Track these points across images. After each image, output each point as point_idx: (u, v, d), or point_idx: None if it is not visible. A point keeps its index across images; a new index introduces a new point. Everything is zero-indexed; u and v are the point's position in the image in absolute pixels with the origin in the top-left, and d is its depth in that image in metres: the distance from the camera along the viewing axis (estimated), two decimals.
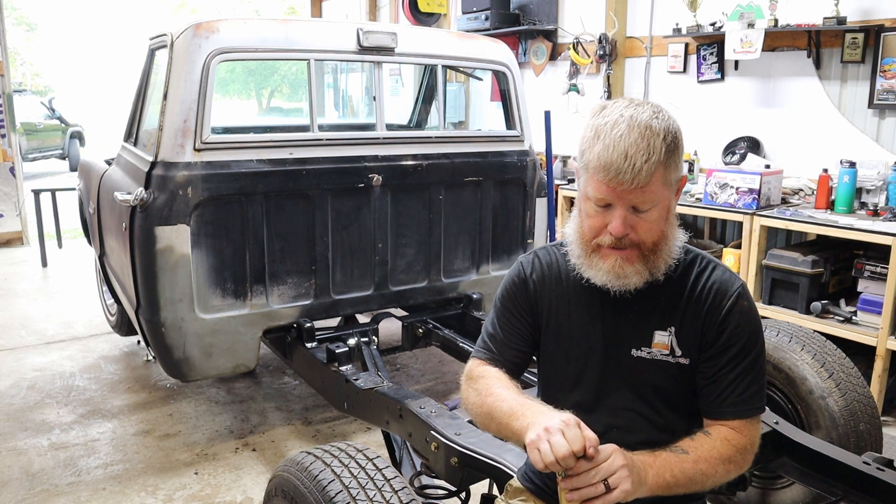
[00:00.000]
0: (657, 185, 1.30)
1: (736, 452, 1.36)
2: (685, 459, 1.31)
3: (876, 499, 1.79)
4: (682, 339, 1.40)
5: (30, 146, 12.86)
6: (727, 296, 1.39)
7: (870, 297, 3.42)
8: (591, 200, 1.35)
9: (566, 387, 1.50)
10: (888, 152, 3.83)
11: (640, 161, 1.27)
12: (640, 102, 1.35)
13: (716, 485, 1.35)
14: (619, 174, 1.27)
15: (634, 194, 1.30)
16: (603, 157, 1.29)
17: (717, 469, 1.33)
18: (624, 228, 1.32)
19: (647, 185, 1.29)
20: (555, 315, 1.51)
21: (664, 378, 1.42)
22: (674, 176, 1.34)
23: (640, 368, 1.41)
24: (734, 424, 1.38)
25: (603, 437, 1.44)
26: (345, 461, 1.69)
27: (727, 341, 1.39)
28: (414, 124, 4.71)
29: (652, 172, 1.28)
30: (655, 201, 1.32)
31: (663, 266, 1.38)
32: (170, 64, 2.80)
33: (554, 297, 1.51)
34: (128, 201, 2.76)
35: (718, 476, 1.34)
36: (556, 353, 1.52)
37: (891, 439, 3.17)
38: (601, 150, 1.29)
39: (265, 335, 3.07)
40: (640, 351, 1.41)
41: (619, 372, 1.44)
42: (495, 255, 3.60)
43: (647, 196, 1.31)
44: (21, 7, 26.80)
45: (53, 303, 5.37)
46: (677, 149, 1.33)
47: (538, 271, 1.54)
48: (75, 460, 3.09)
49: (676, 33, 4.67)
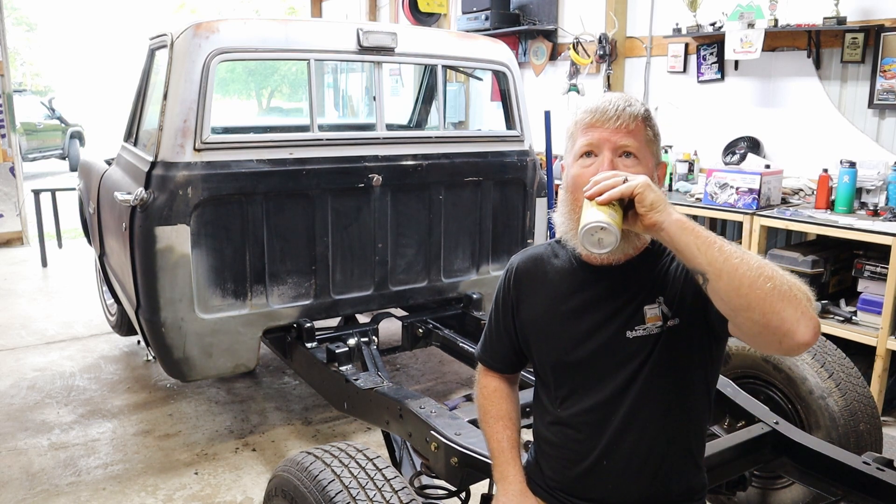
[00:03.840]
0: (640, 136, 1.37)
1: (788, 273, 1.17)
2: (715, 236, 1.19)
3: (876, 499, 1.79)
4: (670, 304, 1.40)
5: (30, 146, 12.86)
6: None
7: (870, 297, 3.42)
8: (578, 160, 1.40)
9: (559, 381, 1.51)
10: (888, 152, 3.83)
11: (622, 104, 1.38)
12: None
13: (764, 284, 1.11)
14: (605, 113, 1.36)
15: (620, 135, 1.35)
16: (589, 108, 1.40)
17: (765, 263, 1.14)
18: (610, 168, 1.34)
19: (630, 129, 1.36)
20: (541, 311, 1.52)
21: (659, 349, 1.40)
22: (654, 147, 1.41)
23: (637, 348, 1.41)
24: None
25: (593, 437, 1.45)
26: (345, 461, 1.69)
27: None
28: (414, 124, 4.71)
29: (634, 118, 1.37)
30: (640, 152, 1.37)
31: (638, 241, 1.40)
32: (170, 64, 2.80)
33: (540, 294, 1.52)
34: (128, 201, 2.76)
35: (765, 270, 1.13)
36: (545, 348, 1.52)
37: (891, 439, 3.17)
38: (586, 107, 1.41)
39: (265, 335, 3.07)
40: (635, 330, 1.40)
41: (615, 356, 1.42)
42: (495, 255, 3.60)
43: (631, 141, 1.36)
44: (21, 7, 26.80)
45: (53, 303, 5.37)
46: (655, 125, 1.42)
47: (524, 271, 1.57)
48: (75, 460, 3.09)
49: (676, 33, 4.67)
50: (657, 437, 1.43)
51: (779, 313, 1.12)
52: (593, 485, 1.47)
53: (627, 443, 1.43)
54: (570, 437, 1.48)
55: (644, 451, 1.43)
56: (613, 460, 1.44)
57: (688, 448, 1.48)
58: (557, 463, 1.52)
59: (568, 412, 1.49)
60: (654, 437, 1.43)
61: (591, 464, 1.46)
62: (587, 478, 1.47)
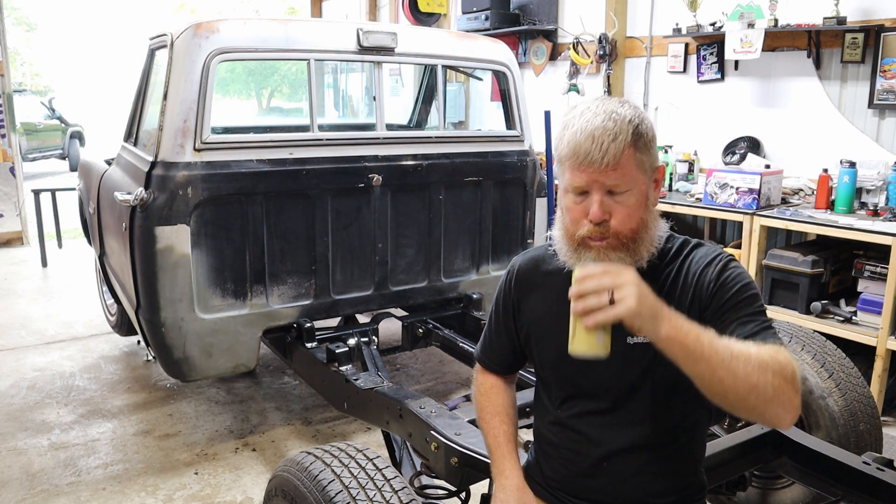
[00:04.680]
0: (629, 167, 1.32)
1: (778, 364, 1.20)
2: (717, 338, 1.21)
3: (876, 499, 1.79)
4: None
5: (30, 146, 12.87)
6: (713, 263, 1.39)
7: (870, 297, 3.42)
8: (569, 192, 1.38)
9: (560, 382, 1.51)
10: (888, 152, 3.83)
11: (607, 140, 1.30)
12: (611, 97, 1.39)
13: (749, 395, 1.18)
14: (589, 155, 1.31)
15: (607, 175, 1.32)
16: (572, 142, 1.33)
17: (752, 368, 1.18)
18: (601, 213, 1.34)
19: (617, 164, 1.31)
20: (542, 312, 1.52)
21: (662, 358, 1.38)
22: (647, 161, 1.36)
23: (638, 354, 1.40)
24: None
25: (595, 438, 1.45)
26: (345, 461, 1.69)
27: (722, 298, 1.36)
28: (414, 124, 4.71)
29: (620, 151, 1.31)
30: (630, 184, 1.33)
31: (646, 254, 1.39)
32: (170, 64, 2.80)
33: (540, 295, 1.52)
34: (128, 201, 2.76)
35: (752, 377, 1.18)
36: (546, 349, 1.52)
37: (891, 439, 3.17)
38: (570, 135, 1.34)
39: (265, 335, 3.07)
40: (636, 337, 1.39)
41: (615, 360, 1.41)
42: (495, 255, 3.60)
43: (620, 178, 1.32)
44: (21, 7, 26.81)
45: (53, 303, 5.37)
46: (647, 133, 1.35)
47: (525, 272, 1.56)
48: (75, 460, 3.09)
49: (676, 33, 4.67)
50: (658, 439, 1.43)
51: (763, 414, 1.23)
52: (594, 485, 1.47)
53: (628, 444, 1.43)
54: (570, 438, 1.49)
55: (645, 452, 1.43)
56: (614, 461, 1.44)
57: (688, 449, 1.48)
58: (558, 463, 1.52)
59: (568, 413, 1.49)
60: (655, 438, 1.42)
61: (591, 464, 1.46)
62: (588, 478, 1.47)
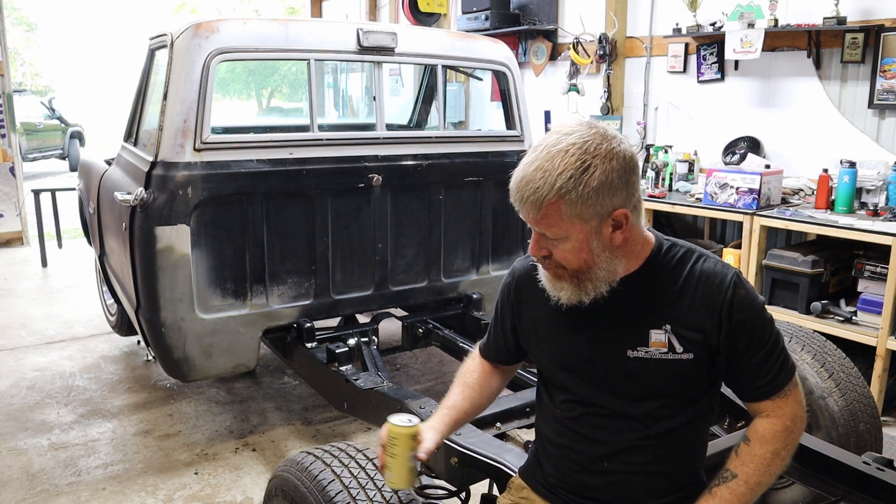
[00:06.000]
0: (555, 218, 1.27)
1: (779, 442, 1.37)
2: (739, 485, 1.37)
3: (876, 499, 1.79)
4: (680, 335, 1.37)
5: (30, 146, 12.86)
6: (722, 289, 1.35)
7: (870, 297, 3.42)
8: None
9: (559, 388, 1.51)
10: (888, 152, 3.83)
11: (528, 193, 1.27)
12: (592, 128, 1.29)
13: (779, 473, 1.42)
14: (518, 198, 1.29)
15: (537, 222, 1.31)
16: (513, 179, 1.31)
17: (770, 470, 1.38)
18: (536, 250, 1.35)
19: (540, 217, 1.28)
20: (542, 317, 1.52)
21: (664, 375, 1.39)
22: (588, 212, 1.26)
23: (639, 368, 1.40)
24: (769, 406, 1.39)
25: (596, 438, 1.45)
26: (345, 461, 1.69)
27: (735, 336, 1.35)
28: (414, 124, 4.71)
29: (540, 206, 1.26)
30: (559, 234, 1.30)
31: (602, 287, 1.36)
32: (170, 64, 2.80)
33: (540, 300, 1.51)
34: (128, 201, 2.76)
35: (775, 470, 1.38)
36: (546, 353, 1.52)
37: (891, 439, 3.17)
38: (516, 170, 1.31)
39: (265, 335, 3.07)
40: (637, 351, 1.39)
41: (615, 371, 1.42)
42: (495, 256, 3.60)
43: (546, 227, 1.30)
44: (21, 7, 26.80)
45: (53, 303, 5.37)
46: (582, 187, 1.24)
47: (525, 275, 1.56)
48: (75, 460, 3.09)
49: (676, 33, 4.67)
50: (658, 439, 1.42)
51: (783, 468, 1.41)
52: (594, 484, 1.47)
53: (628, 444, 1.43)
54: (571, 438, 1.48)
55: (645, 452, 1.43)
56: (615, 461, 1.44)
57: (688, 449, 1.48)
58: (559, 462, 1.52)
59: (569, 414, 1.49)
60: (656, 438, 1.42)
61: (592, 463, 1.46)
62: (588, 477, 1.47)
